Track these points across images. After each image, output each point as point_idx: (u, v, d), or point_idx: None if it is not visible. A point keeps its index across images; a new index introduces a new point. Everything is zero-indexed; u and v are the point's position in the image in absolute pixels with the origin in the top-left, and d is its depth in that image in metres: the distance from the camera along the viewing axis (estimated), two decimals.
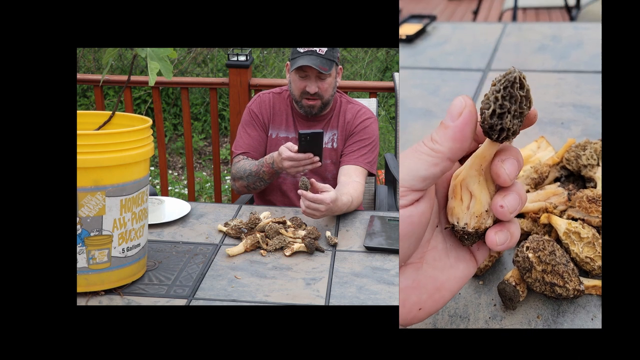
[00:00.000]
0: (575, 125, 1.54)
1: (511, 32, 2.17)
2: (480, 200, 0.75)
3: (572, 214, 1.12)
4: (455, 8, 6.09)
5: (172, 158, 4.51)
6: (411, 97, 1.82)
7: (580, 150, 1.21)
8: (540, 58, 1.95)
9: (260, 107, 1.93)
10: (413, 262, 0.76)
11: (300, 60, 1.77)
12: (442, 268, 0.77)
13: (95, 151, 1.11)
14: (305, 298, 1.20)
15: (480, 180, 0.74)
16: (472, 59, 1.98)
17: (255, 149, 1.90)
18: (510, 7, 3.74)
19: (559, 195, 1.17)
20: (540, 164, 1.24)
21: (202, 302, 1.17)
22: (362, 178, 1.82)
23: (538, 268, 1.00)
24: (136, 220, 1.19)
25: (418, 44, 2.18)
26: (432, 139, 0.70)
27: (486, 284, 1.09)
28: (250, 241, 1.40)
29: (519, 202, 0.73)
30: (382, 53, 5.15)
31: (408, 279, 0.75)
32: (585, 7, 3.52)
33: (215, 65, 4.92)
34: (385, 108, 4.67)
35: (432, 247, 0.77)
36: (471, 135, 0.70)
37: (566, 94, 1.71)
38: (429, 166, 0.70)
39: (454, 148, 0.69)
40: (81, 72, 4.58)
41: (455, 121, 0.69)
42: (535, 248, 1.02)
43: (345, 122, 1.91)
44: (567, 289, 0.99)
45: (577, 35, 2.10)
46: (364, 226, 1.58)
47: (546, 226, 1.13)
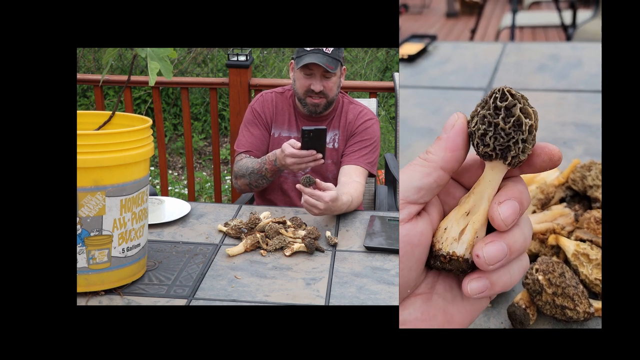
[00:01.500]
0: (577, 144, 1.55)
1: (511, 52, 2.19)
2: (448, 221, 0.69)
3: (580, 235, 1.11)
4: (453, 26, 6.13)
5: (172, 158, 4.51)
6: (413, 117, 1.83)
7: (585, 170, 1.20)
8: (540, 77, 1.96)
9: (263, 106, 1.93)
10: (422, 292, 0.71)
11: (307, 58, 1.77)
12: (452, 300, 0.71)
13: (95, 151, 1.11)
14: (305, 298, 1.20)
15: (464, 202, 0.69)
16: (473, 79, 1.99)
17: (257, 148, 1.91)
18: (508, 26, 3.77)
19: (566, 216, 1.16)
20: (546, 184, 1.24)
21: (202, 302, 1.17)
22: (363, 178, 1.82)
23: (549, 291, 0.99)
24: (136, 220, 1.19)
25: (419, 64, 2.19)
26: (427, 151, 0.70)
27: (495, 306, 1.07)
28: (250, 241, 1.40)
29: (504, 254, 0.65)
30: (382, 53, 5.15)
31: (417, 311, 0.70)
32: (581, 26, 3.55)
33: (215, 65, 4.92)
34: (385, 108, 4.67)
35: (444, 276, 0.72)
36: (463, 145, 0.68)
37: (567, 113, 1.71)
38: (422, 176, 0.68)
39: (447, 157, 0.68)
40: (81, 72, 4.58)
41: (448, 133, 0.69)
42: (545, 270, 1.00)
43: (347, 122, 1.91)
44: (578, 311, 0.98)
45: (575, 55, 2.12)
46: (364, 226, 1.58)
47: (554, 247, 1.12)
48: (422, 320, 0.70)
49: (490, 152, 0.66)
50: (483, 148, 0.67)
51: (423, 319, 0.70)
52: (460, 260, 0.67)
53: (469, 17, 6.16)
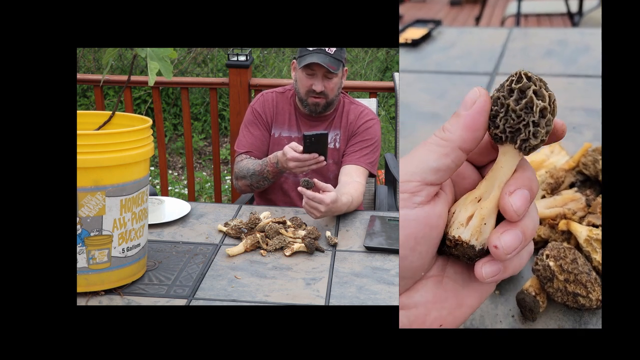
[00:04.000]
0: (587, 129, 1.54)
1: (517, 37, 2.18)
2: (458, 205, 0.69)
3: (593, 221, 1.07)
4: (457, 14, 6.11)
5: (172, 158, 4.51)
6: (417, 101, 1.82)
7: (597, 154, 1.18)
8: (548, 63, 1.95)
9: (263, 106, 1.93)
10: (434, 275, 0.70)
11: (309, 58, 1.77)
12: (463, 282, 0.71)
13: (95, 151, 1.11)
14: (305, 298, 1.20)
15: (477, 188, 0.68)
16: (479, 63, 1.98)
17: (258, 148, 1.91)
18: (513, 14, 3.75)
19: (577, 201, 1.13)
20: (555, 169, 1.21)
21: (202, 302, 1.17)
22: (363, 178, 1.82)
23: (560, 277, 0.96)
24: (136, 220, 1.19)
25: (424, 48, 2.18)
26: (444, 129, 0.66)
27: (503, 293, 1.04)
28: (250, 241, 1.40)
29: (520, 241, 0.66)
30: (382, 53, 5.15)
31: (428, 293, 0.69)
32: (588, 14, 3.53)
33: (215, 65, 4.92)
34: (385, 108, 4.67)
35: (454, 259, 0.71)
36: (484, 125, 0.66)
37: (576, 98, 1.70)
38: (439, 156, 0.65)
39: (466, 137, 0.65)
40: (81, 72, 4.58)
41: (468, 110, 0.65)
42: (557, 256, 0.97)
43: (348, 122, 1.91)
44: (591, 299, 0.95)
45: (583, 41, 2.10)
46: (364, 226, 1.58)
47: (564, 233, 1.09)
48: (434, 303, 0.69)
49: (499, 133, 0.65)
50: (493, 129, 0.65)
51: (435, 301, 0.69)
52: (464, 246, 0.67)
53: (473, 5, 6.10)
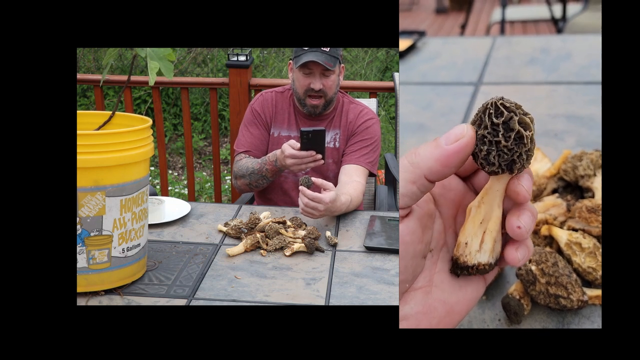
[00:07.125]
0: (568, 136, 1.55)
1: (501, 46, 2.19)
2: (467, 235, 0.72)
3: (573, 225, 1.11)
4: (443, 22, 6.14)
5: (172, 158, 4.51)
6: (403, 113, 1.83)
7: (576, 160, 1.21)
8: (531, 71, 1.96)
9: (262, 105, 1.93)
10: (422, 286, 0.72)
11: (305, 57, 1.77)
12: (450, 291, 0.73)
13: (95, 151, 1.11)
14: (305, 298, 1.20)
15: (475, 213, 0.71)
16: (464, 73, 1.99)
17: (257, 148, 1.91)
18: (498, 21, 3.77)
19: (558, 207, 1.17)
20: (537, 176, 1.24)
21: (202, 302, 1.17)
22: (363, 178, 1.82)
23: (542, 280, 0.99)
24: (136, 220, 1.19)
25: (409, 60, 2.19)
26: (416, 153, 0.67)
27: (489, 299, 1.08)
28: (250, 241, 1.40)
29: (533, 219, 0.70)
30: (382, 53, 5.15)
31: (418, 304, 0.71)
32: (572, 20, 3.55)
33: (215, 65, 4.92)
34: (385, 108, 4.67)
35: (440, 269, 0.74)
36: (457, 165, 0.66)
37: (558, 105, 1.71)
38: (405, 183, 0.67)
39: (435, 169, 0.66)
40: (81, 72, 4.58)
41: (449, 145, 0.66)
42: (538, 260, 1.01)
43: (348, 122, 1.91)
44: (572, 300, 0.99)
45: (565, 48, 2.11)
46: (364, 226, 1.58)
47: (547, 238, 1.12)
48: (424, 313, 0.71)
49: (496, 169, 0.66)
50: (489, 167, 0.66)
51: (425, 311, 0.71)
52: (486, 267, 0.72)
53: (459, 12, 6.15)
